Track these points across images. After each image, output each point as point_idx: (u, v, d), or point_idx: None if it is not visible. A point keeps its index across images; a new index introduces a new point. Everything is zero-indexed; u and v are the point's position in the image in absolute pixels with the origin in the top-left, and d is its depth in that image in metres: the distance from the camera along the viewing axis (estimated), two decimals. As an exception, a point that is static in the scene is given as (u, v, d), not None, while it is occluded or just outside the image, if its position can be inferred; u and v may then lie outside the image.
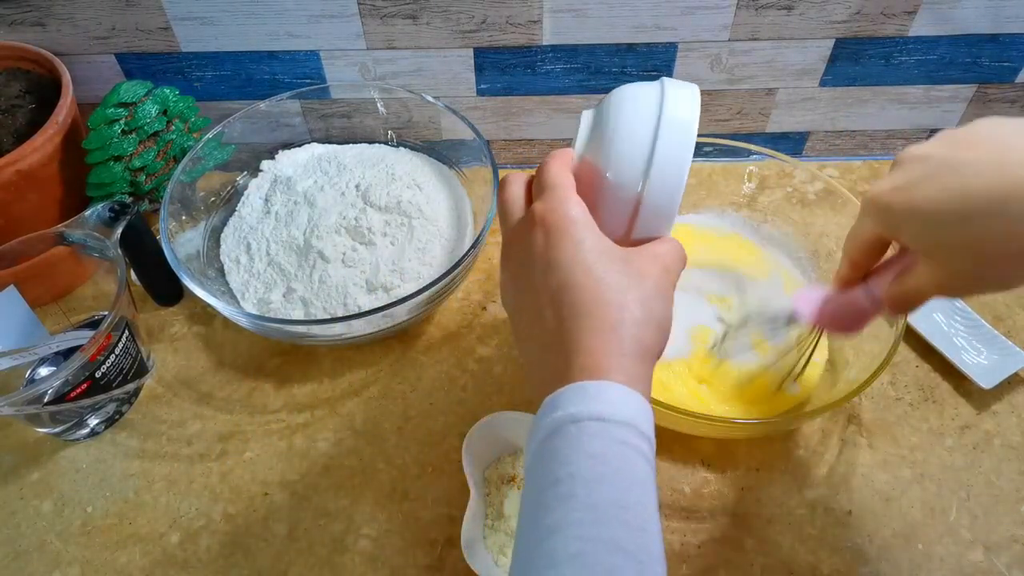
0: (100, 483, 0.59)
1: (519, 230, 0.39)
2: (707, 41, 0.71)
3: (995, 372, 0.61)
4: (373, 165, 0.69)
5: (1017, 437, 0.59)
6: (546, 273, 0.37)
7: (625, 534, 0.31)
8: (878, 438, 0.59)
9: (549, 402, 0.35)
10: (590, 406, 0.33)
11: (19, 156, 0.62)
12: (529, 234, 0.38)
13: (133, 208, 0.60)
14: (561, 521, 0.31)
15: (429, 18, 0.69)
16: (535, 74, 0.74)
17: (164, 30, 0.71)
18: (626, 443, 0.33)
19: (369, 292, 0.63)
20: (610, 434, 0.33)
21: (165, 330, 0.68)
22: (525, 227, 0.39)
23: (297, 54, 0.73)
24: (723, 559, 0.53)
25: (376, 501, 0.57)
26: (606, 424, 0.33)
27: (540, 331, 0.37)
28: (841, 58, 0.72)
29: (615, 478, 0.32)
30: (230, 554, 0.55)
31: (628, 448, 0.33)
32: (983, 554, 0.53)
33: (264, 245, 0.66)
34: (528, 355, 0.39)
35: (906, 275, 0.40)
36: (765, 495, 0.56)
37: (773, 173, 0.68)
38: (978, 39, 0.70)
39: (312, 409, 0.63)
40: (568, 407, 0.34)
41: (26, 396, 0.53)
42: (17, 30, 0.71)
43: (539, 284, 0.37)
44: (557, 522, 0.31)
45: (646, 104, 0.40)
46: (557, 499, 0.32)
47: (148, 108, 0.70)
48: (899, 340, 0.53)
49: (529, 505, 0.34)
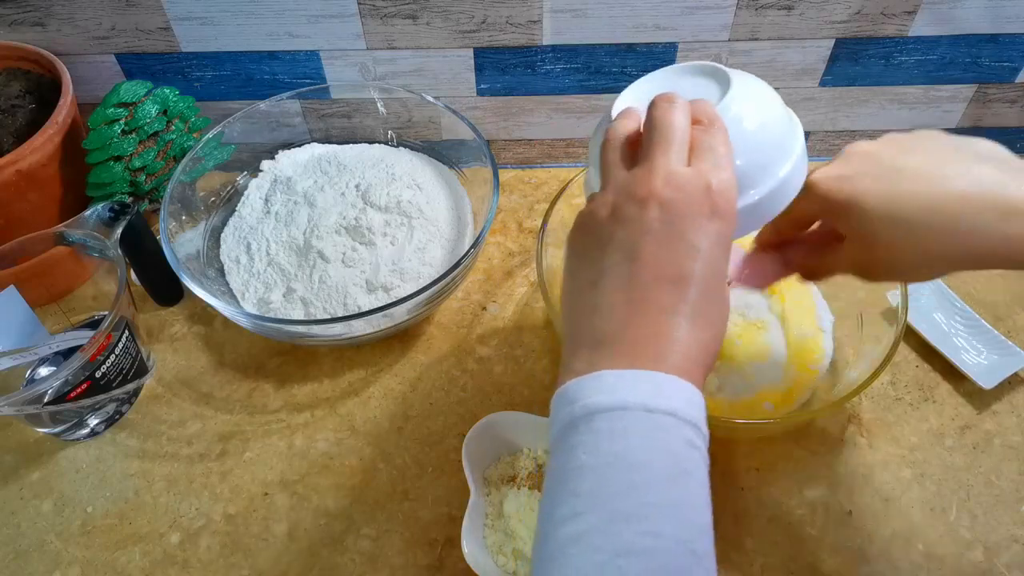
0: (100, 483, 0.59)
1: (683, 184, 0.35)
2: (707, 41, 0.71)
3: (995, 372, 0.61)
4: (373, 165, 0.69)
5: (1017, 437, 0.59)
6: (692, 254, 0.34)
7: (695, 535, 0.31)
8: (878, 438, 0.59)
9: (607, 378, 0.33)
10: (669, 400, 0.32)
11: (19, 156, 0.62)
12: (696, 201, 0.35)
13: (133, 208, 0.60)
14: (633, 512, 0.30)
15: (429, 18, 0.69)
16: (535, 74, 0.74)
17: (164, 30, 0.71)
18: (691, 443, 0.32)
19: (369, 292, 0.63)
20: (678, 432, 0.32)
21: (165, 330, 0.68)
22: (693, 189, 0.35)
23: (297, 54, 0.73)
24: (723, 559, 0.53)
25: (376, 501, 0.57)
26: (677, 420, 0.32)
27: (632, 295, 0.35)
28: (841, 58, 0.72)
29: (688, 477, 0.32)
30: (230, 554, 0.55)
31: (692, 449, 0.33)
32: (983, 554, 0.53)
33: (264, 245, 0.66)
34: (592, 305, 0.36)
35: (827, 251, 0.44)
36: (765, 495, 0.56)
37: (773, 173, 0.68)
38: (978, 39, 0.70)
39: (312, 409, 0.63)
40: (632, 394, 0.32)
41: (26, 396, 0.53)
42: (17, 30, 0.71)
43: (673, 252, 0.34)
44: (630, 510, 0.30)
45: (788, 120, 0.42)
46: (631, 487, 0.31)
47: (148, 108, 0.70)
48: (899, 340, 0.53)
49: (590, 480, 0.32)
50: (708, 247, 0.35)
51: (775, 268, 0.50)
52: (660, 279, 0.34)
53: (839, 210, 0.40)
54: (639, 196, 0.36)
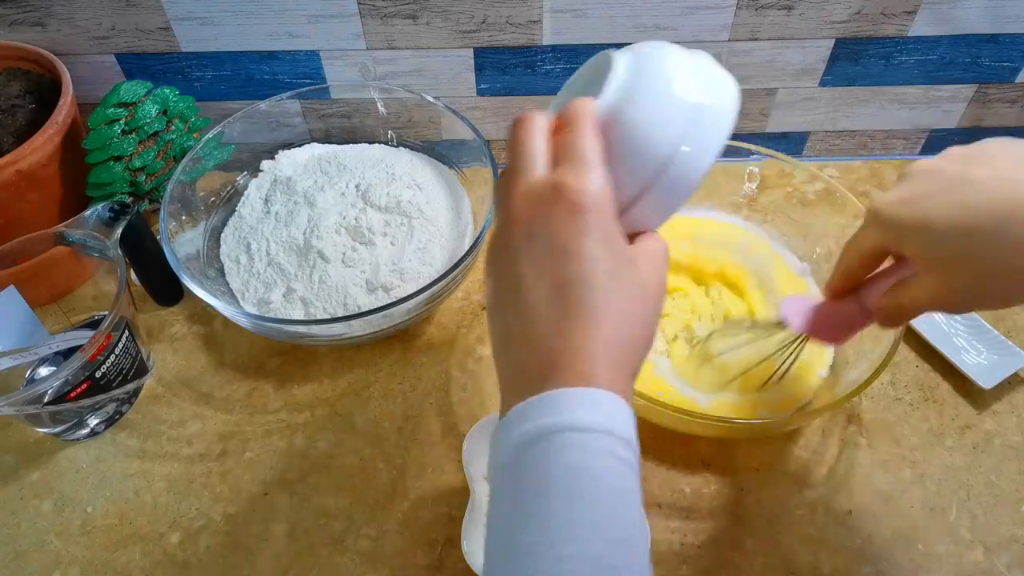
0: (100, 483, 0.59)
1: (539, 196, 0.35)
2: (707, 41, 0.71)
3: (995, 372, 0.61)
4: (373, 165, 0.69)
5: (1017, 437, 0.59)
6: (562, 259, 0.33)
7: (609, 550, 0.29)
8: (878, 438, 0.59)
9: (523, 409, 0.32)
10: (574, 414, 0.31)
11: (19, 156, 0.62)
12: (551, 207, 0.34)
13: (133, 208, 0.60)
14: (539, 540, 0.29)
15: (429, 18, 0.69)
16: (535, 74, 0.74)
17: (164, 30, 0.71)
18: (611, 453, 0.31)
19: (369, 292, 0.63)
20: (593, 445, 0.31)
21: (165, 330, 0.68)
22: (547, 196, 0.34)
23: (297, 54, 0.73)
24: (723, 559, 0.53)
25: (376, 501, 0.57)
26: (586, 434, 0.31)
27: (529, 319, 0.34)
28: (841, 58, 0.72)
29: (597, 491, 0.30)
30: (230, 554, 0.55)
31: (612, 458, 0.31)
32: (983, 554, 0.53)
33: (264, 245, 0.66)
34: (506, 339, 0.35)
35: (902, 287, 0.41)
36: (765, 495, 0.56)
37: (773, 173, 0.68)
38: (978, 39, 0.70)
39: (312, 409, 0.63)
40: (546, 416, 0.31)
41: (26, 396, 0.53)
42: (17, 30, 0.71)
43: (546, 266, 0.34)
44: (535, 541, 0.29)
45: (694, 73, 0.37)
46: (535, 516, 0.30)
47: (148, 108, 0.70)
48: (899, 340, 0.53)
49: (501, 522, 0.31)
50: (579, 245, 0.33)
51: (851, 317, 0.46)
52: (544, 298, 0.33)
53: (908, 236, 0.38)
54: (504, 222, 0.36)
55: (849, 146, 0.82)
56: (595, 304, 0.33)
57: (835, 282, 0.46)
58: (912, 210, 0.37)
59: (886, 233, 0.39)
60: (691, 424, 0.53)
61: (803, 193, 0.67)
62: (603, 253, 0.33)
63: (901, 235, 0.38)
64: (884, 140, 0.81)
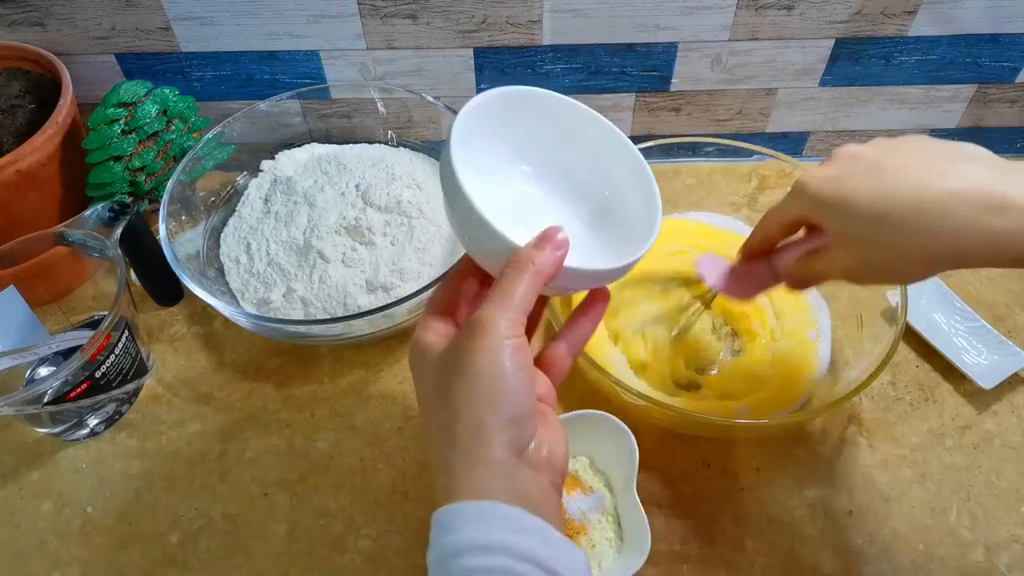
0: (100, 483, 0.59)
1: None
2: (707, 41, 0.71)
3: (995, 372, 0.61)
4: (373, 165, 0.69)
5: (1017, 437, 0.59)
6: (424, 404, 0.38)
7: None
8: (878, 438, 0.59)
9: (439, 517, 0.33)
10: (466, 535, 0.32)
11: (19, 156, 0.62)
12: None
13: (133, 208, 0.60)
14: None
15: (429, 18, 0.69)
16: (535, 74, 0.74)
17: (164, 30, 0.71)
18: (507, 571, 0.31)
19: (369, 292, 0.63)
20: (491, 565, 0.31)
21: (165, 330, 0.68)
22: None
23: (297, 54, 0.73)
24: (723, 559, 0.53)
25: (376, 501, 0.57)
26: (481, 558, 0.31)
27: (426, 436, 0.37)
28: (841, 58, 0.72)
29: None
30: (230, 554, 0.55)
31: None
32: (983, 554, 0.53)
33: (264, 245, 0.66)
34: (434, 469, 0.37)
35: (814, 257, 0.44)
36: (765, 495, 0.56)
37: (773, 173, 0.68)
38: (978, 39, 0.70)
39: (312, 409, 0.62)
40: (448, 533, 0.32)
41: (26, 396, 0.53)
42: (17, 30, 0.71)
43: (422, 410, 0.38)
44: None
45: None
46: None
47: (148, 108, 0.70)
48: (899, 340, 0.53)
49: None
50: (415, 379, 0.38)
51: (762, 278, 0.49)
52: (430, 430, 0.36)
53: (828, 211, 0.41)
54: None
55: (849, 146, 0.81)
56: (444, 421, 0.35)
57: (752, 244, 0.49)
58: (834, 188, 0.40)
59: (808, 206, 0.42)
60: (692, 424, 0.53)
61: (803, 193, 0.67)
62: (430, 374, 0.37)
63: (821, 209, 0.41)
64: (884, 140, 0.81)
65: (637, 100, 0.76)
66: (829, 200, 0.40)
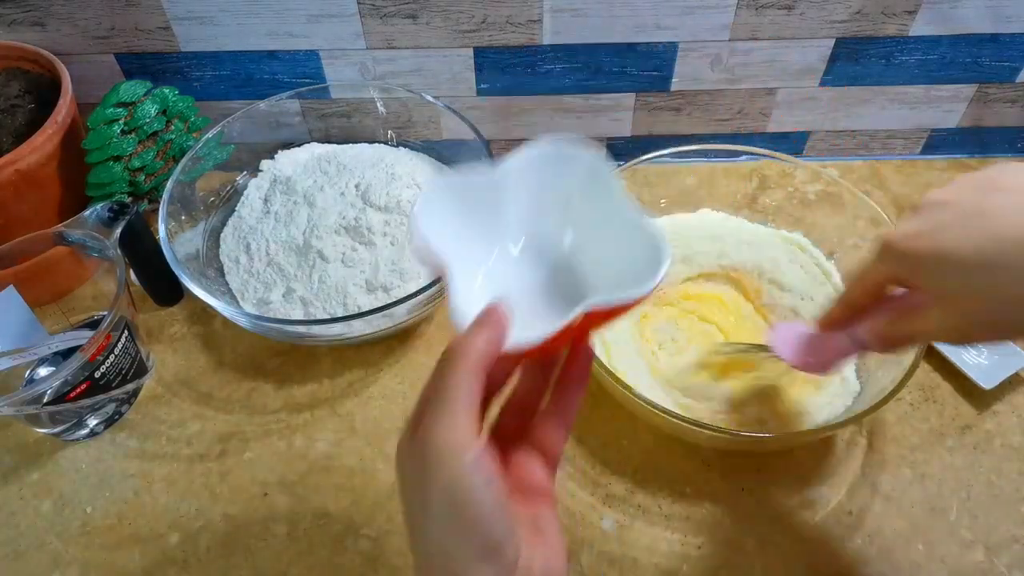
0: (100, 483, 0.59)
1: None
2: (707, 41, 0.71)
3: (995, 372, 0.61)
4: (373, 165, 0.69)
5: (1017, 437, 0.59)
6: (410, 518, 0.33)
7: None
8: (878, 438, 0.59)
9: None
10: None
11: (19, 156, 0.62)
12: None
13: (132, 208, 0.60)
14: None
15: (429, 18, 0.69)
16: (535, 74, 0.74)
17: (164, 30, 0.71)
18: None
19: (369, 292, 0.63)
20: None
21: (165, 330, 0.68)
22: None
23: (297, 54, 0.73)
24: (723, 559, 0.53)
25: (376, 501, 0.57)
26: None
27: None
28: (841, 58, 0.72)
29: None
30: (230, 554, 0.55)
31: None
32: (984, 554, 0.53)
33: (264, 245, 0.66)
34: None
35: (910, 317, 0.40)
36: (765, 495, 0.56)
37: (773, 173, 0.68)
38: (978, 39, 0.70)
39: (312, 409, 0.62)
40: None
41: (25, 396, 0.53)
42: (17, 30, 0.71)
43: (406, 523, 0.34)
44: None
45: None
46: None
47: (147, 108, 0.70)
48: (920, 358, 0.51)
49: None
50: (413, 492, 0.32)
51: (843, 347, 0.45)
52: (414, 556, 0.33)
53: (926, 269, 0.37)
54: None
55: (850, 146, 0.81)
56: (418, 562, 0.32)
57: (835, 314, 0.46)
58: (928, 243, 0.37)
59: (900, 266, 0.39)
60: (709, 438, 0.53)
61: (803, 193, 0.67)
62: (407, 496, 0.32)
63: (916, 268, 0.38)
64: (885, 140, 0.81)
65: (637, 100, 0.76)
66: (927, 257, 0.37)
